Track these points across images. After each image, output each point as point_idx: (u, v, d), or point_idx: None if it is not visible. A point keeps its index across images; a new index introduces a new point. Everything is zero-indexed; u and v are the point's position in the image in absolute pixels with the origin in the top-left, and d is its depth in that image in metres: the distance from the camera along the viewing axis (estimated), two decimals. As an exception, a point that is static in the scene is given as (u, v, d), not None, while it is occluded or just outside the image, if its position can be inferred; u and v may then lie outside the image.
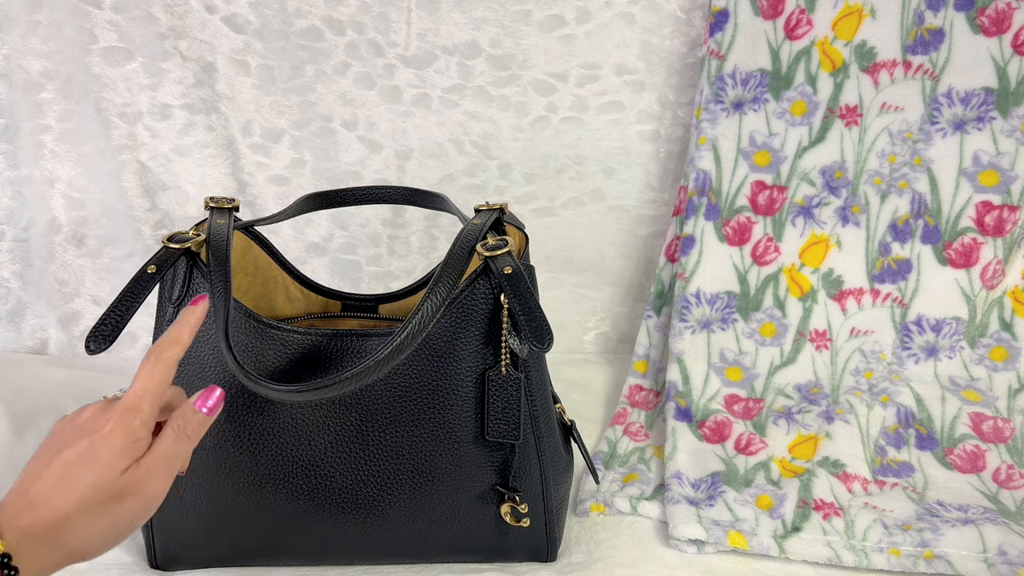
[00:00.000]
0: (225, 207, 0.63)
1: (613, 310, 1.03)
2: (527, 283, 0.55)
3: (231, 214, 0.63)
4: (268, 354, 0.57)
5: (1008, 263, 0.82)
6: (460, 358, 0.57)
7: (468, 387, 0.57)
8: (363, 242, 0.99)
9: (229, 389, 0.56)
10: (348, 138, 0.94)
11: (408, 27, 0.89)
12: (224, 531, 0.59)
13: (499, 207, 0.63)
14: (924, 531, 0.66)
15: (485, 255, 0.56)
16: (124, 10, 0.87)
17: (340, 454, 0.57)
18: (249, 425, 0.57)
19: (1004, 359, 0.82)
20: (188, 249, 0.57)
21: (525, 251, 0.64)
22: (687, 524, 0.66)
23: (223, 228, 0.59)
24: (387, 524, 0.59)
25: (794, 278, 0.87)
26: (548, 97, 0.92)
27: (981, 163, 0.82)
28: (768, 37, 0.83)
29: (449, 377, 0.57)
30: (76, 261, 0.97)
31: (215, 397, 0.48)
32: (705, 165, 0.87)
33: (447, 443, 0.58)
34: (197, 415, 0.47)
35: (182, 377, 0.57)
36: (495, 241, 0.57)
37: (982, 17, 0.79)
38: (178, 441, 0.46)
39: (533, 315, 0.53)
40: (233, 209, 0.63)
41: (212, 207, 0.63)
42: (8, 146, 0.91)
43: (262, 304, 0.69)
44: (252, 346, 0.57)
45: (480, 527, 0.60)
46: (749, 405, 0.83)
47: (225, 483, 0.58)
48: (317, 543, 0.60)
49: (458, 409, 0.57)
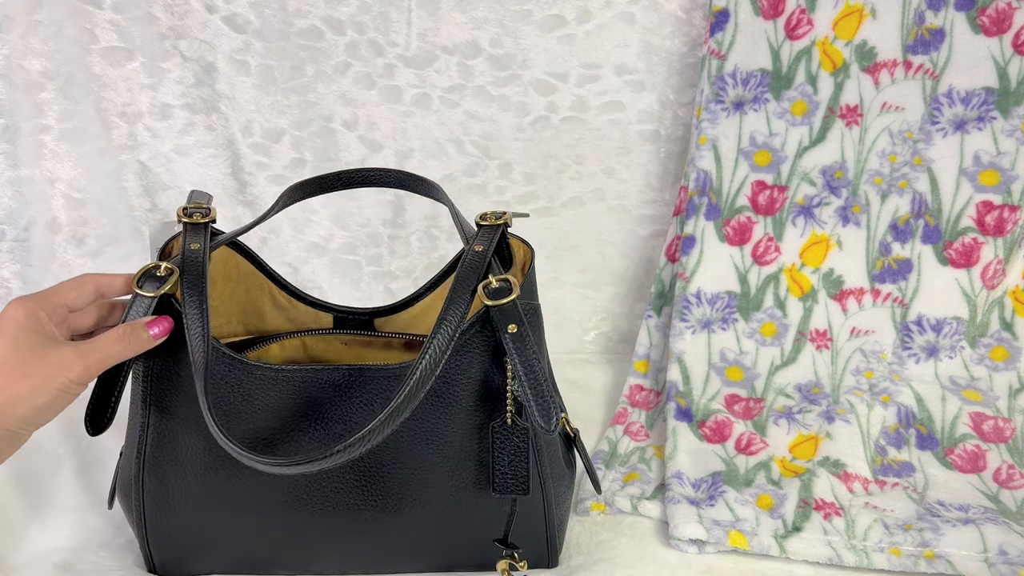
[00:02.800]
0: (199, 222, 0.57)
1: (613, 310, 1.03)
2: (534, 348, 0.51)
3: (207, 231, 0.57)
4: (255, 395, 0.54)
5: (1008, 263, 0.82)
6: (460, 403, 0.54)
7: (470, 436, 0.54)
8: (363, 242, 0.99)
9: None
10: (348, 138, 0.94)
11: (408, 27, 0.89)
12: (219, 546, 0.59)
13: (502, 223, 0.59)
14: (925, 531, 0.66)
15: (487, 303, 0.52)
16: (124, 10, 0.86)
17: (335, 483, 0.56)
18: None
19: (1005, 359, 0.82)
20: (163, 296, 0.53)
21: (531, 267, 0.60)
22: (688, 524, 0.66)
23: (198, 256, 0.55)
24: (386, 544, 0.58)
25: (794, 278, 0.87)
26: (548, 97, 0.91)
27: (982, 163, 0.81)
28: (768, 37, 0.83)
29: (449, 423, 0.54)
30: (76, 261, 0.97)
31: (164, 326, 0.53)
32: (705, 165, 0.87)
33: (447, 489, 0.56)
34: (146, 332, 0.52)
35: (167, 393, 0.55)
36: (498, 283, 0.53)
37: (983, 17, 0.79)
38: (119, 343, 0.51)
39: (539, 390, 0.50)
40: (209, 222, 0.58)
41: (185, 223, 0.57)
42: (8, 146, 0.91)
43: (248, 309, 0.67)
44: (238, 386, 0.54)
45: (480, 548, 0.59)
46: (749, 405, 0.83)
47: (218, 505, 0.57)
48: (315, 557, 0.59)
49: (458, 460, 0.55)
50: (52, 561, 0.62)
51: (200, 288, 0.53)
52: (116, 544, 0.64)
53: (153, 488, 0.57)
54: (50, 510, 0.67)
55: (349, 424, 0.55)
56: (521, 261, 0.61)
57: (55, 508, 0.67)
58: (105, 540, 0.64)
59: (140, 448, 0.56)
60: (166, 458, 0.56)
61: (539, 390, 0.50)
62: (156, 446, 0.56)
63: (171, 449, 0.56)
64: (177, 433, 0.56)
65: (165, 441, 0.56)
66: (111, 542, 0.64)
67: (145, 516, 0.57)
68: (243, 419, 0.55)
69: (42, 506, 0.67)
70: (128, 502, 0.58)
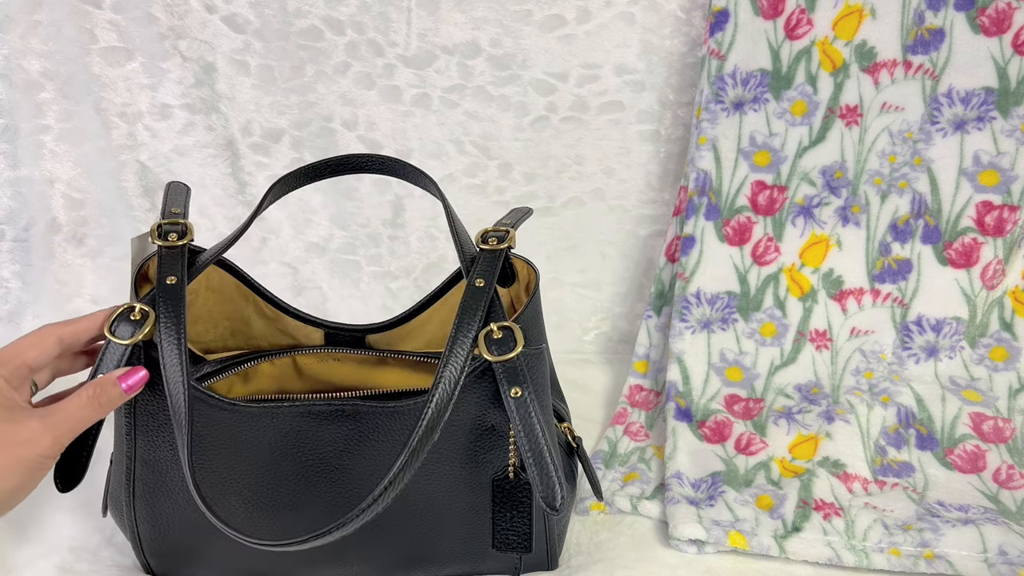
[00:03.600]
0: (175, 245, 0.52)
1: (613, 310, 1.03)
2: (538, 415, 0.48)
3: (184, 256, 0.52)
4: (243, 435, 0.51)
5: (1008, 263, 0.82)
6: (457, 445, 0.51)
7: (466, 491, 0.52)
8: (363, 242, 0.99)
9: None
10: (348, 138, 0.94)
11: (408, 27, 0.89)
12: (216, 559, 0.57)
13: (506, 246, 0.54)
14: (924, 531, 0.66)
15: (488, 358, 0.49)
16: (124, 10, 0.86)
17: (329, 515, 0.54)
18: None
19: (1004, 359, 0.82)
20: (137, 344, 0.49)
21: (535, 290, 0.57)
22: (687, 524, 0.66)
23: (176, 293, 0.49)
24: (384, 559, 0.57)
25: (794, 278, 0.87)
26: (548, 97, 0.91)
27: (981, 163, 0.81)
28: (768, 37, 0.83)
29: (446, 475, 0.52)
30: (76, 261, 0.97)
31: (137, 378, 0.48)
32: (705, 165, 0.87)
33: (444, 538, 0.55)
34: (116, 389, 0.47)
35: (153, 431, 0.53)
36: (501, 332, 0.49)
37: (982, 17, 0.79)
38: (88, 407, 0.46)
39: (543, 465, 0.46)
40: (187, 244, 0.53)
41: (160, 247, 0.52)
42: (8, 146, 0.91)
43: (235, 317, 0.65)
44: (224, 427, 0.51)
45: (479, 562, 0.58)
46: (749, 405, 0.83)
47: (212, 527, 0.56)
48: (318, 568, 0.58)
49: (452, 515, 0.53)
50: (52, 561, 0.62)
51: (179, 335, 0.48)
52: (116, 544, 0.64)
53: (145, 512, 0.55)
54: (50, 510, 0.66)
55: (346, 461, 0.52)
56: (525, 280, 0.59)
57: (55, 508, 0.67)
58: (105, 540, 0.64)
59: (128, 477, 0.54)
60: (156, 485, 0.54)
61: (543, 465, 0.47)
62: (145, 476, 0.54)
63: (160, 478, 0.54)
64: (165, 463, 0.53)
65: (153, 471, 0.54)
66: (111, 542, 0.64)
67: (139, 534, 0.56)
68: (230, 460, 0.52)
69: (42, 506, 0.67)
70: (120, 518, 0.57)
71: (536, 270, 0.58)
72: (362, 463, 0.52)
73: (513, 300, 0.64)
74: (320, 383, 0.67)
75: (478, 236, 0.56)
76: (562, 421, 0.63)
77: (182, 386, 0.47)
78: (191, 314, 0.62)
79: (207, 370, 0.63)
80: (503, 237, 0.55)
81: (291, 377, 0.67)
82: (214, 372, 0.63)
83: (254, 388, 0.66)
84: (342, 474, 0.53)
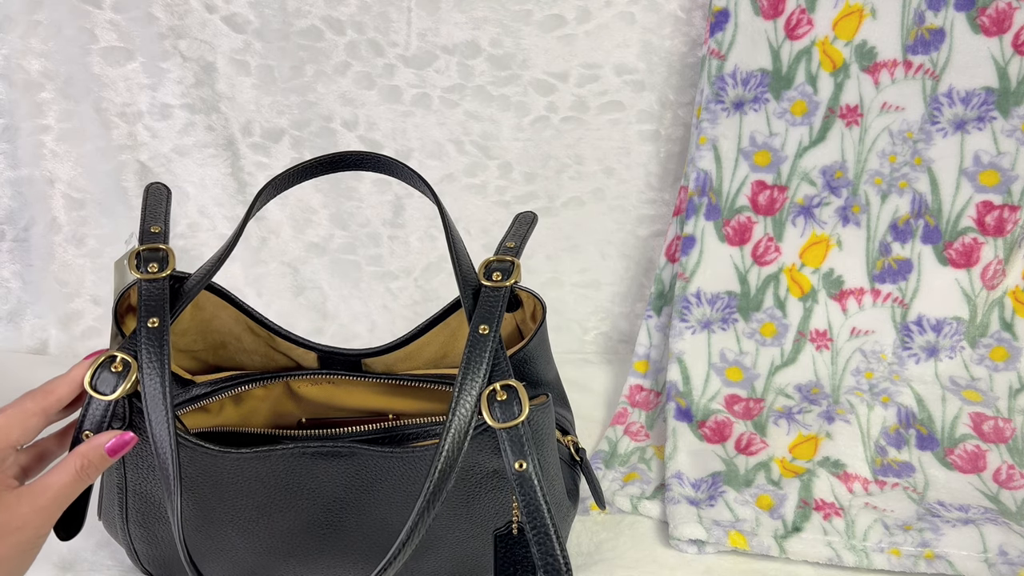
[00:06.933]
0: (157, 277, 0.48)
1: (613, 310, 1.03)
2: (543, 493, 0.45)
3: (165, 290, 0.48)
4: (236, 480, 0.50)
5: (1009, 263, 0.82)
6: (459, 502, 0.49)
7: (466, 540, 0.51)
8: (363, 242, 0.99)
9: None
10: (348, 138, 0.94)
11: (408, 27, 0.89)
12: (212, 566, 0.57)
13: (512, 283, 0.50)
14: (925, 531, 0.66)
15: (491, 424, 0.46)
16: (124, 10, 0.86)
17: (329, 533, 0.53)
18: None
19: (1005, 359, 0.82)
20: (118, 400, 0.47)
21: (542, 322, 0.55)
22: (687, 524, 0.66)
23: (159, 338, 0.46)
24: None
25: (794, 278, 0.87)
26: (548, 97, 0.91)
27: (982, 163, 0.81)
28: (768, 37, 0.83)
29: (445, 521, 0.50)
30: (76, 261, 0.97)
31: (125, 445, 0.47)
32: (705, 165, 0.87)
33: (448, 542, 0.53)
34: (104, 461, 0.47)
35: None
36: (505, 394, 0.46)
37: (983, 17, 0.79)
38: (75, 480, 0.46)
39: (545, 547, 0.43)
40: (169, 276, 0.49)
41: (141, 281, 0.48)
42: (8, 146, 0.91)
43: (224, 331, 0.64)
44: (216, 474, 0.49)
45: None
46: (749, 405, 0.83)
47: (208, 549, 0.55)
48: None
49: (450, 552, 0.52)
50: (52, 561, 0.62)
51: (163, 387, 0.46)
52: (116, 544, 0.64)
53: (140, 532, 0.55)
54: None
55: (342, 498, 0.51)
56: (530, 310, 0.57)
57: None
58: (105, 540, 0.64)
59: (121, 505, 0.54)
60: (149, 513, 0.54)
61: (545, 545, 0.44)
62: (138, 505, 0.53)
63: (153, 508, 0.53)
64: (157, 493, 0.52)
65: (146, 501, 0.53)
66: (111, 542, 0.64)
67: (136, 550, 0.56)
68: (224, 500, 0.51)
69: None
70: (115, 532, 0.57)
71: (543, 302, 0.55)
72: (362, 504, 0.51)
73: (519, 325, 0.62)
74: (317, 405, 0.65)
75: (481, 267, 0.53)
76: (566, 434, 0.61)
77: (169, 448, 0.45)
78: (178, 328, 0.60)
79: (196, 392, 0.61)
80: (508, 271, 0.51)
81: (285, 399, 0.65)
82: (203, 395, 0.61)
83: (247, 409, 0.64)
84: (341, 513, 0.51)
